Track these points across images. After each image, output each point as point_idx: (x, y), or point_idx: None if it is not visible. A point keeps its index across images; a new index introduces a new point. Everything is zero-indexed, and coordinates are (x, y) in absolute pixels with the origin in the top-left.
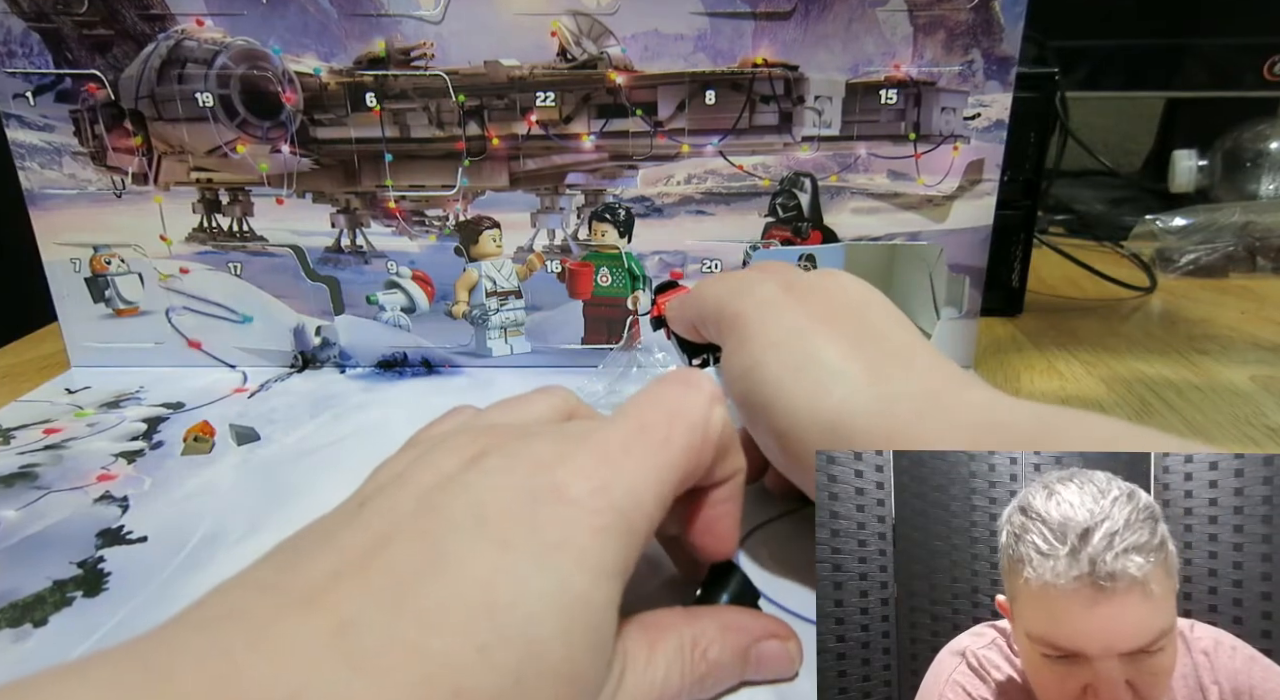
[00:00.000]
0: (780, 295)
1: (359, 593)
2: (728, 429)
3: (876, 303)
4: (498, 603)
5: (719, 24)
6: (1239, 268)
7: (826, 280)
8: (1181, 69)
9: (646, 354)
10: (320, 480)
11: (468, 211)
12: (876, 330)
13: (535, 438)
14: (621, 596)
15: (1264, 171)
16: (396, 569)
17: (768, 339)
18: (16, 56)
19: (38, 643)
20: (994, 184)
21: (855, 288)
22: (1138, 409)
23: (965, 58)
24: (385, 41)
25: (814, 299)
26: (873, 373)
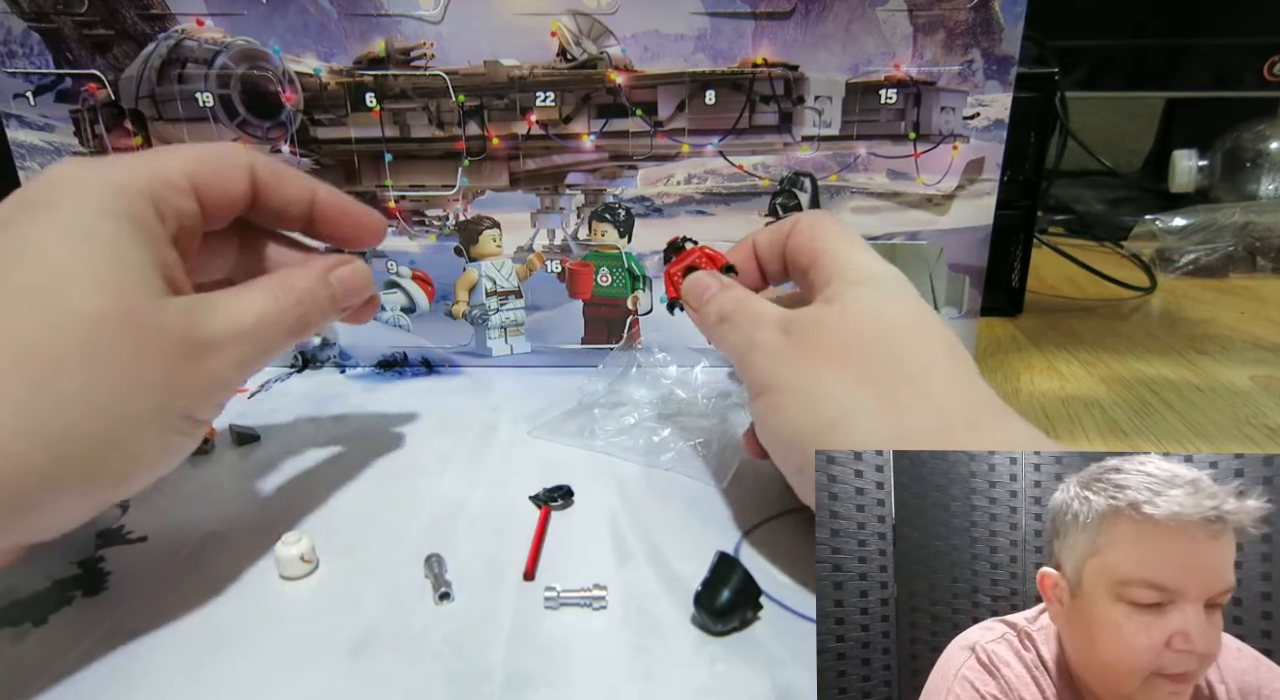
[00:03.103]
0: (779, 341)
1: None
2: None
3: (893, 320)
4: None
5: (719, 24)
6: (1239, 268)
7: (831, 311)
8: (1181, 69)
9: (646, 354)
10: (320, 480)
11: (468, 211)
12: (892, 354)
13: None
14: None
15: (1264, 171)
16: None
17: (778, 388)
18: (17, 56)
19: (38, 642)
20: (994, 184)
21: (866, 310)
22: (1138, 409)
23: (965, 57)
24: (385, 41)
25: (815, 335)
26: (885, 402)
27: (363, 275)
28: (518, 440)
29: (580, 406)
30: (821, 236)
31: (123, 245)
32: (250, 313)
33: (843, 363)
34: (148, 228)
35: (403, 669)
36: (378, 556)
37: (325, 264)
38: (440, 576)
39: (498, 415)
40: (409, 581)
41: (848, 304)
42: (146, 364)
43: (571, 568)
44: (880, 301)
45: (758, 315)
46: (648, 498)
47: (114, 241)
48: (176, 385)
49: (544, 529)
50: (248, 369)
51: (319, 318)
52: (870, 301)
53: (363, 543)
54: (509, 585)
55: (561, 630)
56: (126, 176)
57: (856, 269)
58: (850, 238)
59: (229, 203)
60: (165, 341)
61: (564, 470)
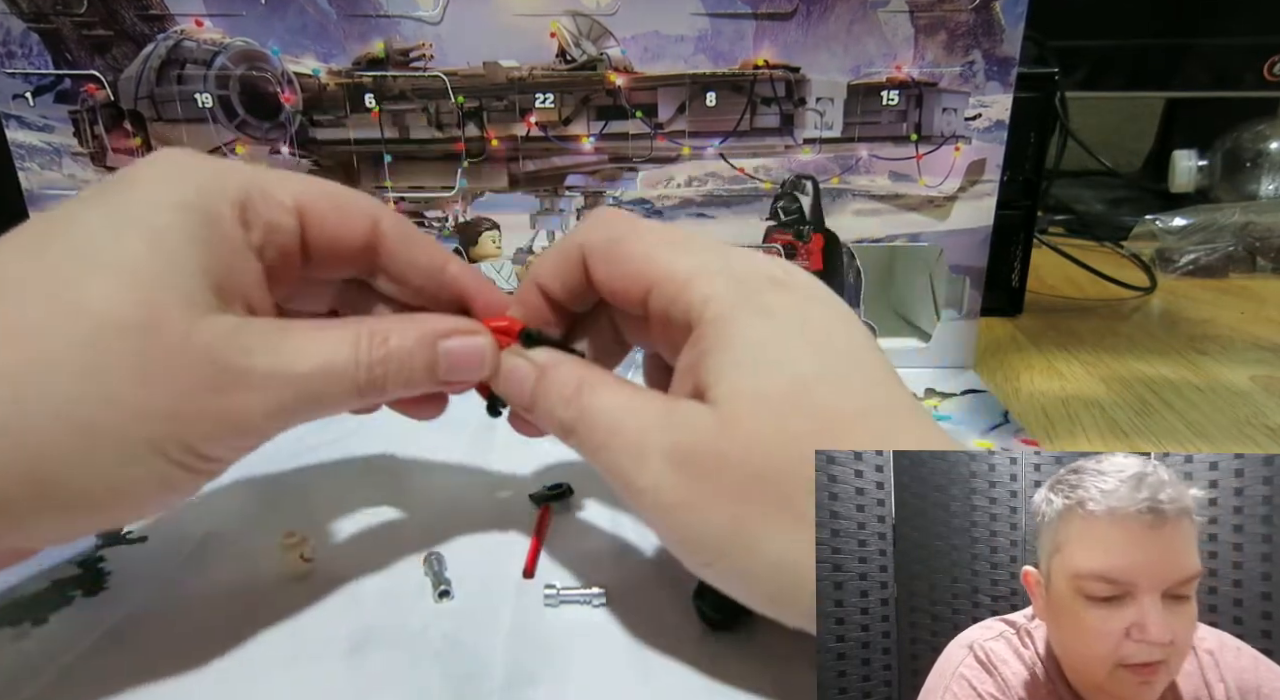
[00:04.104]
0: (669, 487)
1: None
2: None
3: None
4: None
5: (720, 25)
6: (1239, 268)
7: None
8: (1181, 69)
9: None
10: (320, 480)
11: (467, 213)
12: (794, 469)
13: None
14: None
15: (1264, 171)
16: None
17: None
18: (16, 57)
19: (37, 642)
20: (994, 184)
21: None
22: (1138, 409)
23: (966, 58)
24: (384, 42)
25: (715, 475)
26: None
27: (482, 356)
28: (517, 438)
29: None
30: (639, 256)
31: (177, 242)
32: (314, 356)
33: (764, 505)
34: (222, 228)
35: (402, 667)
36: (377, 555)
37: (439, 327)
38: (440, 575)
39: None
40: (408, 580)
41: (735, 397)
42: (154, 384)
43: (571, 565)
44: (777, 368)
45: (625, 439)
46: None
47: (168, 235)
48: (188, 416)
49: (543, 527)
50: (286, 420)
51: (402, 386)
52: (765, 377)
53: (362, 541)
54: (508, 583)
55: (561, 628)
56: (220, 172)
57: (720, 297)
58: (675, 242)
59: (340, 246)
60: (186, 362)
61: (564, 468)
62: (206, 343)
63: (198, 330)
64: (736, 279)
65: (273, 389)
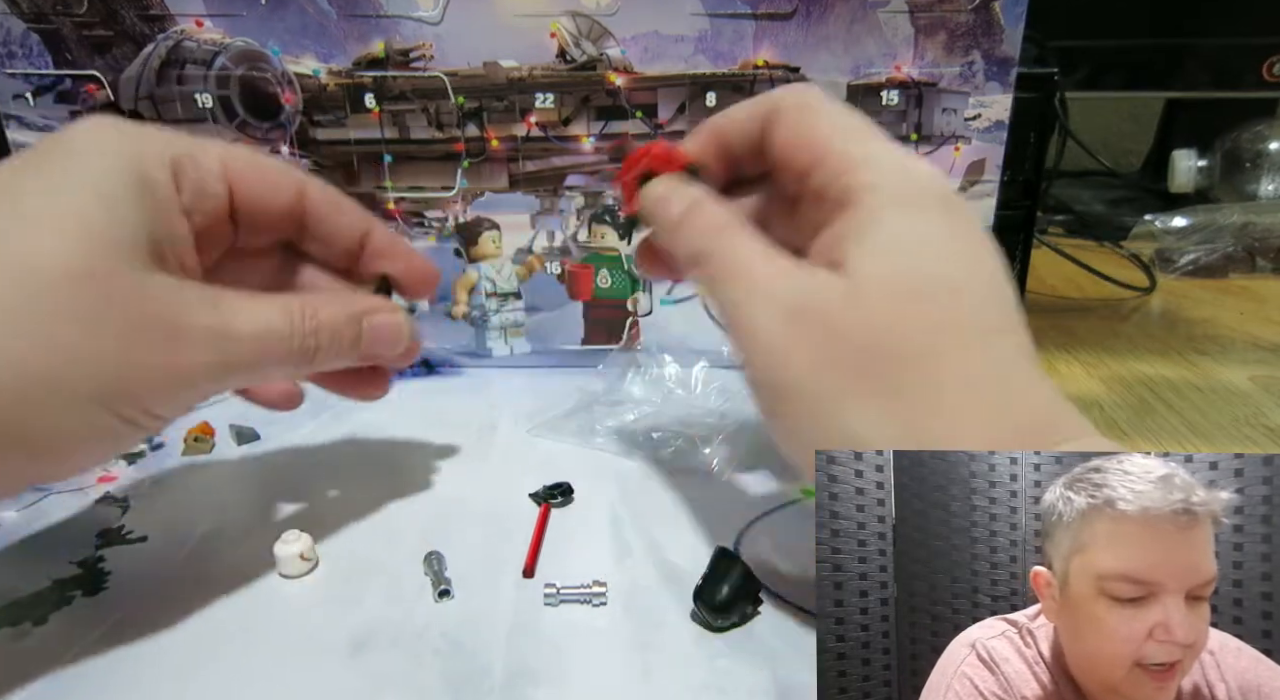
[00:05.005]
0: (780, 333)
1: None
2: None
3: (933, 297)
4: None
5: (719, 25)
6: (1239, 268)
7: (849, 294)
8: (1181, 69)
9: (646, 354)
10: (320, 479)
11: (467, 213)
12: (902, 354)
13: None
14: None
15: (1264, 171)
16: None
17: (780, 392)
18: (16, 57)
19: (37, 641)
20: (994, 184)
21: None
22: (1137, 409)
23: (966, 59)
24: (384, 42)
25: (827, 335)
26: (893, 419)
27: (399, 332)
28: (517, 438)
29: (580, 405)
30: (823, 128)
31: (120, 201)
32: (253, 321)
33: (862, 378)
34: (158, 192)
35: (403, 666)
36: (377, 554)
37: (365, 306)
38: (440, 574)
39: (497, 414)
40: (409, 579)
41: (870, 277)
42: (100, 335)
43: (571, 564)
44: (917, 262)
45: (752, 280)
46: (647, 494)
47: (111, 195)
48: (131, 367)
49: (543, 526)
50: (225, 379)
51: (330, 357)
52: (903, 266)
53: (362, 540)
54: (509, 582)
55: (561, 627)
56: (152, 138)
57: (883, 189)
58: (861, 128)
59: (269, 212)
60: (131, 315)
61: (563, 468)
62: (154, 296)
63: (144, 285)
64: (904, 178)
65: (214, 347)
